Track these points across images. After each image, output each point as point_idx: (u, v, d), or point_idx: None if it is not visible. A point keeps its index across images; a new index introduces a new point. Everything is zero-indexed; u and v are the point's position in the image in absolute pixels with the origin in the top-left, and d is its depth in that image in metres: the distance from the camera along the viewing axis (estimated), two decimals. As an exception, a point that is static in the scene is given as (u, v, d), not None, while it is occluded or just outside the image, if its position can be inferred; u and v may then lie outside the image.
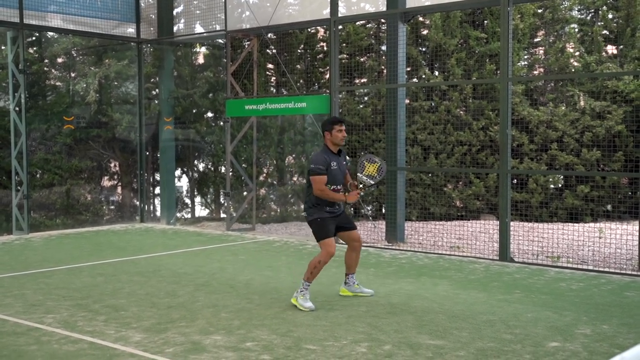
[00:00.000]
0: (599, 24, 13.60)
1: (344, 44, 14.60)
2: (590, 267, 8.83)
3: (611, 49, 13.60)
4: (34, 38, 14.45)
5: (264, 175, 15.27)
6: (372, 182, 6.84)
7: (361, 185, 6.82)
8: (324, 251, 6.58)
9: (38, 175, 13.90)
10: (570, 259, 9.52)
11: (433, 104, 14.08)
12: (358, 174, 6.86)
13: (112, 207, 15.81)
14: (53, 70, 15.06)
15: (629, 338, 5.55)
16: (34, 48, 14.58)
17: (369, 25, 14.92)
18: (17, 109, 12.08)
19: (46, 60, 14.79)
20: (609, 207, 13.02)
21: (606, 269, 8.67)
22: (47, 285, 7.66)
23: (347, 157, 7.06)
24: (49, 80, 14.74)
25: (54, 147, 14.12)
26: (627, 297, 7.10)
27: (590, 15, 14.03)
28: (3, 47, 13.78)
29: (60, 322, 6.07)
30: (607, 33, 13.49)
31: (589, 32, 13.57)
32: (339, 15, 11.26)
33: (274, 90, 15.28)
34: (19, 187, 12.20)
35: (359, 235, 7.04)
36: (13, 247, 10.75)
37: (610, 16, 13.53)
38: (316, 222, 6.66)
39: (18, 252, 10.25)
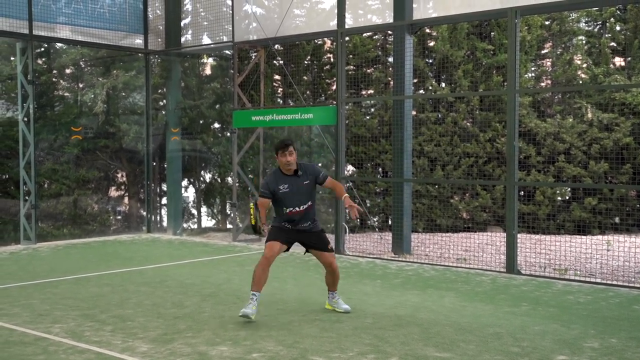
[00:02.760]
0: (606, 35, 13.60)
1: (351, 56, 14.64)
2: (598, 280, 8.78)
3: (619, 61, 13.59)
4: (42, 49, 14.56)
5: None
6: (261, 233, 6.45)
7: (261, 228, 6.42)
8: (264, 252, 6.44)
9: (46, 185, 13.96)
10: (578, 272, 9.47)
11: (440, 116, 14.08)
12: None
13: (119, 217, 15.85)
14: (61, 81, 15.17)
15: (637, 352, 5.51)
16: (43, 59, 14.69)
17: (376, 36, 14.97)
18: (25, 119, 12.15)
19: (55, 71, 14.90)
20: (616, 219, 12.97)
21: (614, 282, 8.62)
22: (55, 295, 7.67)
23: (319, 172, 6.62)
24: (57, 90, 14.84)
25: (61, 158, 14.18)
26: (635, 311, 7.05)
27: (597, 27, 14.04)
28: (12, 58, 13.88)
29: (68, 332, 6.07)
30: (615, 45, 13.49)
31: (596, 44, 13.57)
32: (346, 26, 11.30)
33: (281, 102, 15.32)
34: (27, 197, 12.24)
35: (330, 261, 6.68)
36: (21, 256, 10.77)
37: (617, 28, 13.53)
38: (270, 228, 6.58)
39: (26, 261, 10.27)
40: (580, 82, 13.45)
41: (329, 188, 6.92)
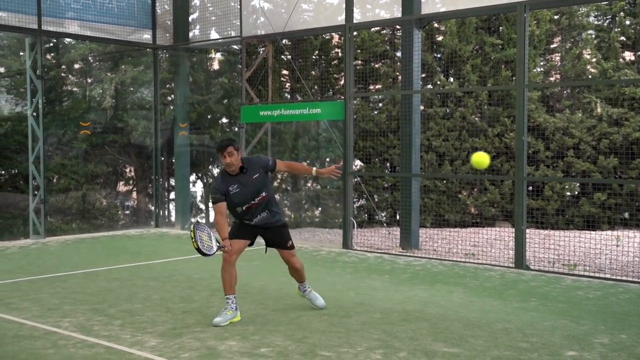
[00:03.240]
0: (616, 30, 13.51)
1: (359, 50, 14.60)
2: (608, 276, 8.75)
3: (629, 56, 13.51)
4: (51, 44, 14.59)
5: (278, 181, 15.28)
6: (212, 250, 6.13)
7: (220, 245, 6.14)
8: (223, 255, 6.26)
9: (55, 180, 14.02)
10: (587, 267, 9.44)
11: (448, 111, 14.04)
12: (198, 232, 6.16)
13: (127, 212, 15.90)
14: (70, 76, 15.21)
15: (647, 347, 5.49)
16: (52, 54, 14.73)
17: (384, 31, 14.93)
18: (34, 114, 12.19)
19: (63, 66, 14.93)
20: (626, 214, 12.91)
21: (624, 278, 8.58)
22: (64, 290, 7.70)
23: (267, 161, 6.39)
24: (66, 86, 14.88)
25: (70, 152, 14.23)
26: (645, 306, 7.02)
27: (607, 21, 13.95)
28: (22, 53, 13.92)
29: (77, 326, 6.10)
30: (625, 39, 13.41)
31: (606, 38, 13.49)
32: (354, 21, 11.26)
33: (289, 96, 15.31)
34: (36, 192, 12.29)
35: (288, 259, 6.52)
36: (30, 251, 10.82)
37: (627, 22, 13.44)
38: (231, 225, 6.44)
39: (35, 256, 10.31)
40: (590, 76, 13.37)
41: (286, 171, 6.71)
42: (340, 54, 14.92)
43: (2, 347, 5.46)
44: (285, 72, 15.24)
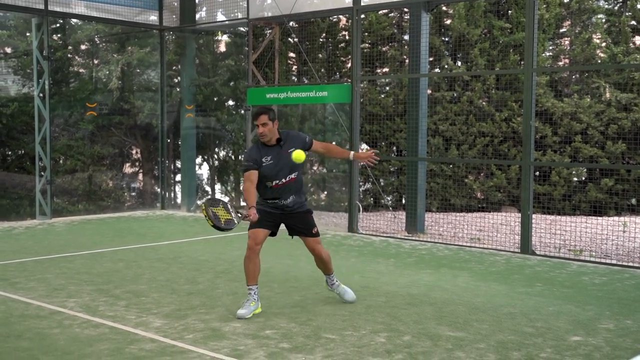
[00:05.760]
0: (627, 14, 13.37)
1: (366, 33, 14.51)
2: (614, 261, 8.72)
3: (639, 40, 13.37)
4: (58, 25, 14.55)
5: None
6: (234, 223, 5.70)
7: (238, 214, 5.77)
8: (248, 243, 5.97)
9: (61, 161, 14.04)
10: (593, 253, 9.41)
11: (455, 95, 13.97)
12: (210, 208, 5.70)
13: (133, 193, 15.93)
14: (76, 57, 15.18)
15: (652, 333, 5.48)
16: (58, 35, 14.69)
17: (392, 14, 14.82)
18: (41, 95, 12.18)
19: (70, 47, 14.90)
20: (633, 201, 12.85)
21: (630, 264, 8.56)
22: (70, 270, 7.73)
23: (304, 139, 6.03)
24: (72, 67, 14.86)
25: (76, 134, 14.24)
26: (650, 292, 7.00)
27: (618, 5, 13.80)
28: (28, 34, 13.89)
29: (82, 306, 6.12)
30: (635, 24, 13.26)
31: (616, 22, 13.35)
32: (362, 4, 11.17)
33: (295, 79, 15.25)
34: (42, 173, 12.31)
35: (313, 247, 6.13)
36: (36, 231, 10.86)
37: (638, 6, 13.29)
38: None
39: (41, 236, 10.35)
40: (599, 61, 13.26)
41: (321, 152, 6.34)
42: (347, 37, 14.83)
43: (8, 326, 5.49)
44: (292, 54, 15.16)
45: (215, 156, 16.29)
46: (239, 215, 5.78)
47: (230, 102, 15.56)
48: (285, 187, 5.97)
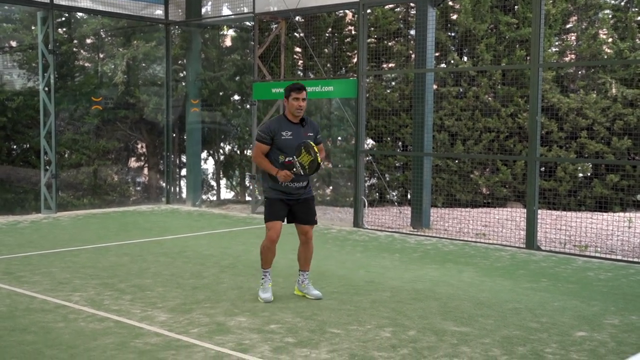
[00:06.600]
0: (633, 9, 13.30)
1: (372, 28, 14.47)
2: (619, 257, 8.70)
3: (645, 36, 13.29)
4: (63, 19, 14.55)
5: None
6: (301, 173, 5.93)
7: (294, 169, 5.96)
8: (266, 235, 6.14)
9: (66, 155, 14.05)
10: (599, 249, 9.39)
11: (461, 90, 13.93)
12: (294, 157, 5.97)
13: (138, 188, 15.95)
14: (82, 51, 15.18)
15: (658, 330, 5.46)
16: (64, 29, 14.69)
17: (398, 9, 14.77)
18: (46, 89, 12.19)
19: (75, 41, 14.90)
20: (638, 197, 12.81)
21: (635, 260, 8.53)
22: (75, 264, 7.75)
23: (319, 131, 6.27)
24: (77, 60, 14.85)
25: (82, 128, 14.25)
26: (656, 288, 6.98)
27: (624, 1, 13.73)
28: (33, 28, 13.90)
29: (87, 300, 6.13)
30: (642, 19, 13.19)
31: (622, 18, 13.28)
32: (368, -2, 11.14)
33: (301, 74, 15.23)
34: (47, 167, 12.33)
35: (307, 229, 6.25)
36: (41, 225, 10.89)
37: (645, 2, 13.22)
38: (266, 201, 6.19)
39: (46, 230, 10.38)
40: (605, 57, 13.20)
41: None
42: (353, 32, 14.80)
43: (13, 320, 5.50)
44: (297, 49, 15.14)
45: (221, 151, 16.29)
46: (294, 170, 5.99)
47: (236, 97, 15.55)
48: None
